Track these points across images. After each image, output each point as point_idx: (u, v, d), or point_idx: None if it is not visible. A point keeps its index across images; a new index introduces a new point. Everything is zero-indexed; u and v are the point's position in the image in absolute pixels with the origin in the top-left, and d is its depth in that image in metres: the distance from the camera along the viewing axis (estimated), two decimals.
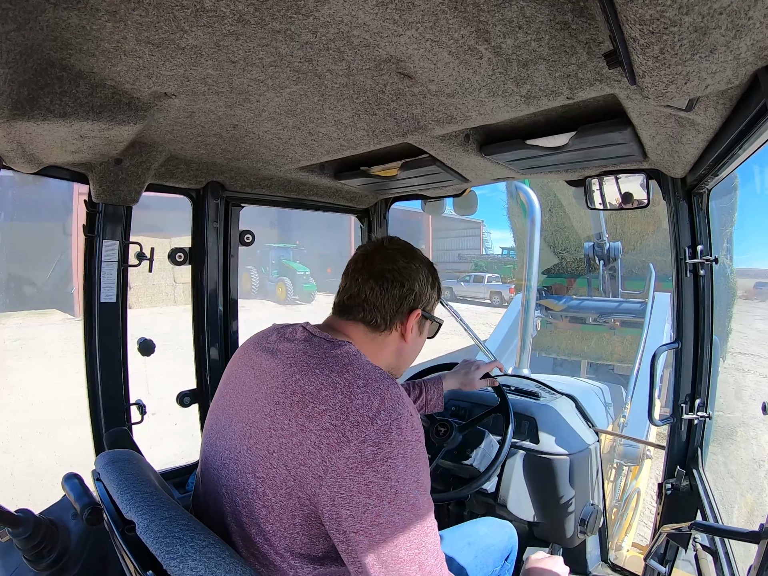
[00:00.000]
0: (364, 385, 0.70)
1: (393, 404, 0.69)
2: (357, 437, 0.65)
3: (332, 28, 0.67)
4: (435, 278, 0.95)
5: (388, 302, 0.86)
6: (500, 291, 18.96)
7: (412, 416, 0.70)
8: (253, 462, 0.71)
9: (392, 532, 0.63)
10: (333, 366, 0.73)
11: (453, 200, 1.90)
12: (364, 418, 0.66)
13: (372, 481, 0.63)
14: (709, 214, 1.33)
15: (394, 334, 0.89)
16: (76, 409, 5.52)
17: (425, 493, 0.68)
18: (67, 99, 0.83)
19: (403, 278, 0.87)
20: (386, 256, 0.89)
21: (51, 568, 0.95)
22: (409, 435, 0.68)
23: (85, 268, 1.36)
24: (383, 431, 0.66)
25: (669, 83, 0.65)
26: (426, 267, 0.92)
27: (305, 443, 0.67)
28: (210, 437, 0.84)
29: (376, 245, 0.92)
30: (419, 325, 0.93)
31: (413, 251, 0.93)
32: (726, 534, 1.00)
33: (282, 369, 0.76)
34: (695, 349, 1.36)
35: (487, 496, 1.65)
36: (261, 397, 0.76)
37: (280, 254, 17.87)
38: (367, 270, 0.87)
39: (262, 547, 0.69)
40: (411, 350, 0.95)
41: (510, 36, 0.66)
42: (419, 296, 0.89)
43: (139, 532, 0.64)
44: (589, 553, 1.78)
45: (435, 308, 0.97)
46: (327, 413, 0.67)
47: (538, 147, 1.16)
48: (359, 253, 0.92)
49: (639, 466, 2.89)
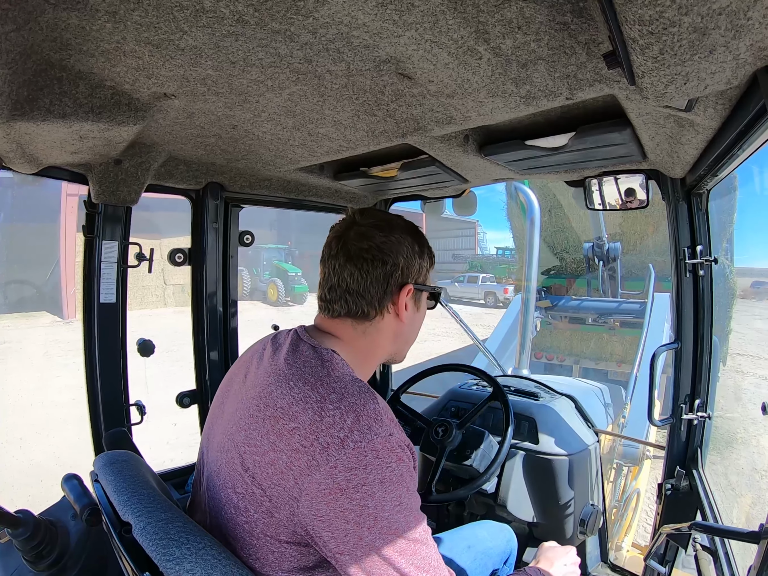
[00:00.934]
0: (338, 400, 0.65)
1: (368, 422, 0.63)
2: (326, 462, 0.60)
3: (332, 29, 0.67)
4: (422, 245, 0.84)
5: (372, 285, 0.78)
6: (494, 291, 18.88)
7: (392, 435, 0.64)
8: (233, 477, 0.68)
9: (378, 554, 0.60)
10: (308, 378, 0.68)
11: (452, 201, 1.90)
12: (335, 440, 0.61)
13: (348, 508, 0.60)
14: (709, 214, 1.33)
15: (388, 317, 0.81)
16: (49, 416, 5.44)
17: (410, 512, 0.64)
18: (66, 100, 0.83)
19: (384, 255, 0.78)
20: (361, 233, 0.79)
21: (50, 569, 0.95)
22: (387, 456, 0.62)
23: (85, 268, 1.36)
24: (356, 455, 0.61)
25: (668, 84, 0.65)
26: (409, 235, 0.82)
27: (277, 463, 0.63)
28: (203, 446, 0.82)
29: (348, 223, 0.82)
30: (414, 301, 0.84)
31: (390, 221, 0.82)
32: (726, 534, 1.00)
33: (262, 379, 0.73)
34: (695, 350, 1.36)
35: (487, 496, 1.65)
36: (240, 407, 0.72)
37: (272, 255, 17.67)
38: (343, 253, 0.78)
39: (248, 561, 0.67)
40: (410, 330, 0.87)
41: (509, 37, 0.66)
42: (407, 269, 0.80)
43: (136, 534, 0.64)
44: (589, 553, 1.78)
45: (429, 277, 0.87)
46: (296, 432, 0.63)
47: (537, 147, 1.16)
48: (332, 236, 0.82)
49: (639, 466, 2.90)
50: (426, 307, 0.90)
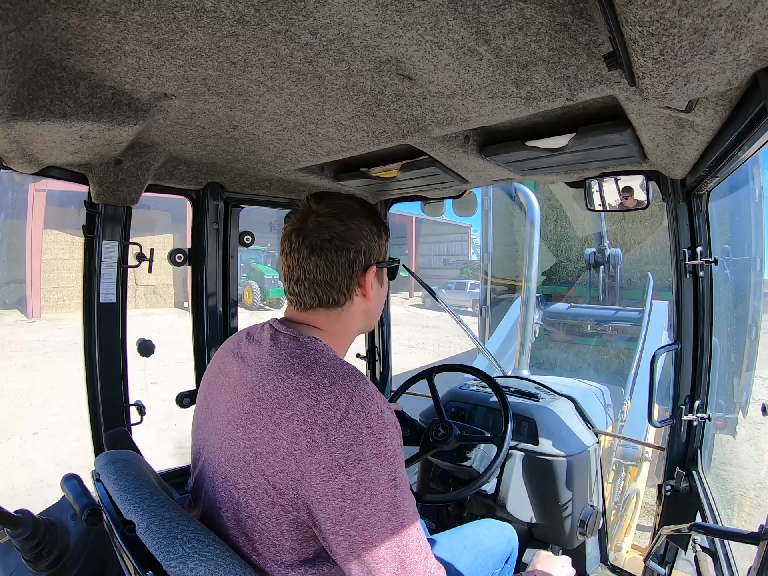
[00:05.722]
0: (330, 384, 0.68)
1: (362, 401, 0.66)
2: (326, 441, 0.63)
3: (332, 30, 0.67)
4: (378, 223, 0.85)
5: (338, 274, 0.79)
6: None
7: (383, 412, 0.68)
8: (233, 474, 0.70)
9: (371, 533, 0.63)
10: (298, 367, 0.71)
11: (452, 201, 1.90)
12: (332, 421, 0.64)
13: (345, 484, 0.62)
14: (709, 215, 1.33)
15: (356, 299, 0.83)
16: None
17: (403, 489, 0.67)
18: (67, 99, 0.83)
19: (346, 242, 0.79)
20: (320, 224, 0.79)
21: (50, 569, 0.95)
22: (381, 432, 0.66)
23: (85, 268, 1.36)
24: (353, 432, 0.64)
25: (669, 85, 0.65)
26: (366, 218, 0.83)
27: (278, 450, 0.65)
28: (196, 451, 0.83)
29: (304, 213, 0.81)
30: (377, 278, 0.86)
31: (347, 208, 0.82)
32: (725, 535, 1.00)
33: (250, 375, 0.75)
34: (695, 351, 1.36)
35: (487, 497, 1.65)
36: (232, 406, 0.74)
37: (250, 257, 16.62)
38: (305, 246, 0.79)
39: (251, 557, 0.68)
40: (377, 304, 0.90)
41: (510, 37, 0.66)
42: (368, 252, 0.82)
43: (139, 533, 0.64)
44: (588, 554, 1.78)
45: (387, 253, 0.89)
46: (295, 418, 0.66)
47: (537, 148, 1.16)
48: (290, 228, 0.82)
49: (638, 467, 2.90)
50: (387, 280, 0.93)
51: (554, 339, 6.19)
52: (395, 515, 0.64)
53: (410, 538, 0.65)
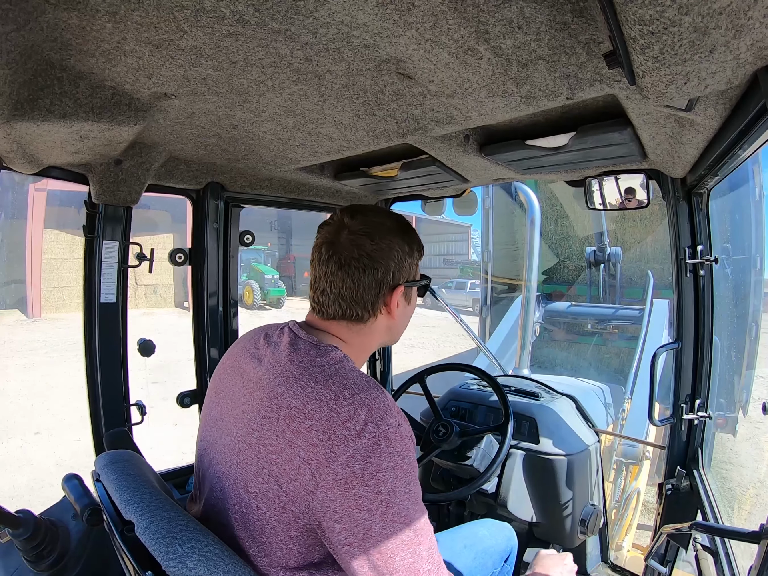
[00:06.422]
0: (350, 396, 0.68)
1: (381, 414, 0.67)
2: (344, 452, 0.64)
3: (332, 29, 0.67)
4: (411, 242, 0.85)
5: (365, 292, 0.79)
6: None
7: (401, 426, 0.68)
8: (245, 477, 0.70)
9: (385, 544, 0.63)
10: (318, 377, 0.71)
11: (453, 200, 1.90)
12: (352, 432, 0.65)
13: (362, 495, 0.63)
14: (709, 213, 1.33)
15: (380, 317, 0.83)
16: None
17: (417, 501, 0.68)
18: (67, 100, 0.83)
19: (375, 262, 0.79)
20: (351, 240, 0.79)
21: (51, 569, 0.95)
22: (399, 445, 0.66)
23: (85, 268, 1.36)
24: (371, 444, 0.64)
25: (669, 83, 0.65)
26: (398, 236, 0.82)
27: (295, 459, 0.66)
28: (203, 448, 0.83)
29: (337, 227, 0.81)
30: (405, 297, 0.86)
31: (379, 227, 0.81)
32: (726, 534, 1.00)
33: (268, 380, 0.74)
34: (695, 350, 1.36)
35: (487, 496, 1.65)
36: (248, 409, 0.74)
37: (250, 256, 16.61)
38: (334, 261, 0.79)
39: (256, 559, 0.69)
40: (402, 322, 0.89)
41: (510, 36, 0.66)
42: (398, 272, 0.82)
43: (138, 533, 0.64)
44: (589, 553, 1.78)
45: (418, 271, 0.89)
46: (314, 428, 0.66)
47: (537, 147, 1.16)
48: (321, 240, 0.82)
49: (639, 465, 2.90)
50: (416, 296, 0.92)
51: (555, 338, 6.19)
52: (410, 526, 0.65)
53: (423, 549, 0.66)
